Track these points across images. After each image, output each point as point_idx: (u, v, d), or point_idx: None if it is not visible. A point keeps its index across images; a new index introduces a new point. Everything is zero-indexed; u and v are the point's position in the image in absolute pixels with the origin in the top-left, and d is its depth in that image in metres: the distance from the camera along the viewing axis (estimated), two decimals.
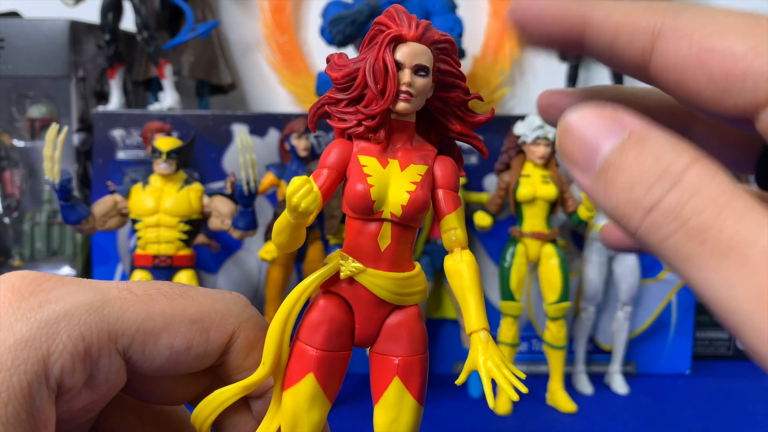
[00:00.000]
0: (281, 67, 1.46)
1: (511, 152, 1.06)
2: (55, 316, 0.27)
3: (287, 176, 1.11)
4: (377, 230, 0.34)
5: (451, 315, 1.13)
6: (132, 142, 1.15)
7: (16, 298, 0.28)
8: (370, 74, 0.33)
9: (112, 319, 0.29)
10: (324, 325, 0.33)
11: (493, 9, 1.45)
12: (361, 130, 0.34)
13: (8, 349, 0.26)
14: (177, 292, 0.32)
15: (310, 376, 0.33)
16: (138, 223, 0.96)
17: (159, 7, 1.30)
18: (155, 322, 0.30)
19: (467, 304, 0.33)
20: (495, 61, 1.44)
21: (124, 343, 0.29)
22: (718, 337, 1.26)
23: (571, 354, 1.14)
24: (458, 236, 0.34)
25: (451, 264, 0.34)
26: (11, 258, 1.27)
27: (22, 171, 1.29)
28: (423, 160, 0.34)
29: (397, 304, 0.34)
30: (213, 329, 0.32)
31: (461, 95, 0.35)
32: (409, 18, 0.34)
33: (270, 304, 1.09)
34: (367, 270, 0.33)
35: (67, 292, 0.29)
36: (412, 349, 0.34)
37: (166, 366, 0.31)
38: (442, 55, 0.34)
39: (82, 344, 0.28)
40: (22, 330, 0.27)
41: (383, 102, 0.33)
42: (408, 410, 0.34)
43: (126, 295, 0.30)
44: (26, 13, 1.28)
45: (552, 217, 1.05)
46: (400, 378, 0.34)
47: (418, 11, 1.21)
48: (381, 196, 0.33)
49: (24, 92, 1.28)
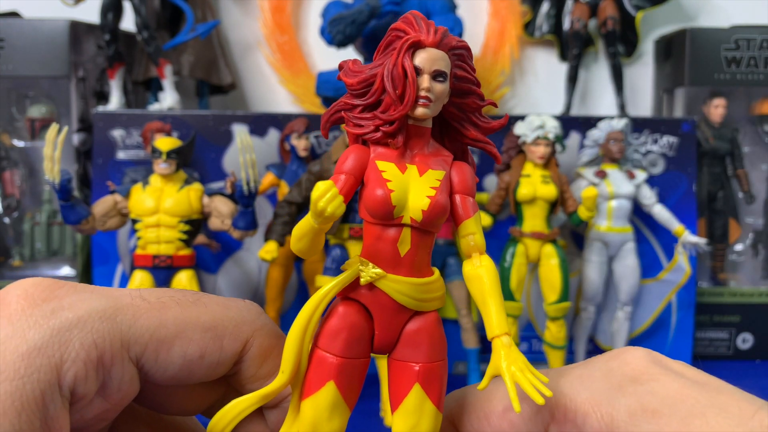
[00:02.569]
0: (281, 67, 1.46)
1: (511, 152, 1.06)
2: (68, 323, 0.27)
3: (287, 176, 1.11)
4: (397, 235, 0.33)
5: (451, 315, 1.13)
6: (132, 142, 1.15)
7: (29, 305, 0.27)
8: (389, 80, 0.33)
9: (125, 327, 0.28)
10: (344, 332, 0.33)
11: (493, 9, 1.45)
12: (379, 135, 0.33)
13: (21, 356, 0.26)
14: (190, 299, 0.31)
15: (330, 384, 0.32)
16: (138, 223, 0.96)
17: (159, 7, 1.30)
18: (168, 330, 0.30)
19: (488, 309, 0.33)
20: (495, 61, 1.44)
21: (137, 351, 0.29)
22: (718, 337, 1.26)
23: (571, 354, 1.14)
24: (477, 241, 0.34)
25: (470, 269, 0.34)
26: (11, 258, 1.27)
27: (22, 171, 1.29)
28: (440, 165, 0.34)
29: (417, 310, 0.34)
30: (226, 337, 0.31)
31: (476, 101, 0.35)
32: (428, 24, 0.34)
33: (270, 304, 1.09)
34: (387, 276, 0.33)
35: (80, 299, 0.28)
36: (433, 356, 0.33)
37: (179, 374, 0.30)
38: (458, 61, 0.34)
39: (95, 352, 0.27)
40: (35, 337, 0.26)
41: (402, 107, 0.33)
42: (428, 417, 0.33)
43: (139, 303, 0.30)
44: (26, 13, 1.29)
45: (552, 217, 1.05)
46: (420, 385, 0.33)
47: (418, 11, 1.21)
48: (401, 201, 0.33)
49: (24, 92, 1.28)
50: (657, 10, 1.42)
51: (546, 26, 1.44)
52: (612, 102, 1.41)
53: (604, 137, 1.11)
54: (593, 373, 0.31)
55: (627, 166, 1.13)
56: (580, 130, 1.17)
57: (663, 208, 1.12)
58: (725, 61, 1.26)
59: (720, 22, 1.39)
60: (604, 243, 1.11)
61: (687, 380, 0.29)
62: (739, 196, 1.32)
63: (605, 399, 0.29)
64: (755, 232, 1.33)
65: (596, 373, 0.31)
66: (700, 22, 1.47)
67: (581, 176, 1.13)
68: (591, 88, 1.50)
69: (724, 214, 1.30)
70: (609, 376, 0.31)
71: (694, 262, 1.16)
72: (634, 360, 0.31)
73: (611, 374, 0.31)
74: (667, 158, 1.19)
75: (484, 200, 1.11)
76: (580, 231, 1.16)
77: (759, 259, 1.33)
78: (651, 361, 0.31)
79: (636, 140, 1.16)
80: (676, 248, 1.11)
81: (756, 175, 1.33)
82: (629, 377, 0.30)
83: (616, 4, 1.36)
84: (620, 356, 0.31)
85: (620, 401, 0.29)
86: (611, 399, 0.29)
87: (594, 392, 0.30)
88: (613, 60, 1.36)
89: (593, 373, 0.31)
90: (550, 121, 1.02)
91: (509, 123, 1.08)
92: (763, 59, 1.25)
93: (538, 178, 1.03)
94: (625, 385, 0.30)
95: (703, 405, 0.27)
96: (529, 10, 1.44)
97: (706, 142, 1.28)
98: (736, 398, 0.28)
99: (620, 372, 0.30)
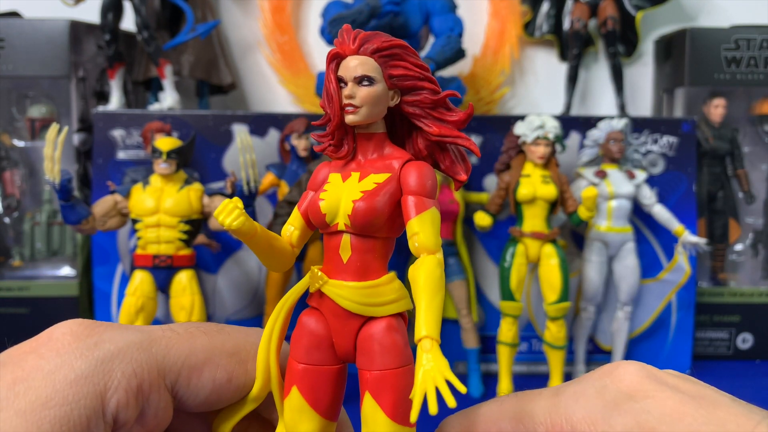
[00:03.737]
0: (281, 67, 1.46)
1: (511, 152, 1.06)
2: (110, 354, 0.30)
3: (287, 176, 1.11)
4: (338, 242, 0.34)
5: (451, 315, 1.13)
6: (132, 142, 1.15)
7: (74, 339, 0.30)
8: (325, 96, 0.35)
9: (160, 357, 0.31)
10: (303, 339, 0.34)
11: (493, 9, 1.45)
12: (327, 148, 0.36)
13: (69, 384, 0.28)
14: (214, 329, 0.34)
15: (294, 390, 0.34)
16: (138, 223, 0.96)
17: (159, 7, 1.30)
18: (198, 357, 0.32)
19: (418, 310, 0.32)
20: (495, 61, 1.44)
21: (171, 379, 0.31)
22: (718, 337, 1.26)
23: (571, 354, 1.14)
24: (420, 241, 0.33)
25: (411, 270, 0.33)
26: (11, 258, 1.27)
27: (22, 171, 1.29)
28: (386, 168, 0.34)
29: (368, 316, 0.34)
30: (250, 361, 0.34)
31: (429, 96, 0.35)
32: (350, 34, 0.34)
33: (270, 304, 1.09)
34: (329, 281, 0.34)
35: (118, 333, 0.31)
36: (384, 363, 0.33)
37: (210, 399, 0.33)
38: (390, 60, 0.34)
39: (135, 380, 0.30)
40: (81, 367, 0.29)
41: (334, 119, 0.35)
42: (382, 427, 0.32)
43: (170, 334, 0.33)
44: (26, 13, 1.29)
45: (552, 217, 1.05)
46: (370, 393, 0.33)
47: (418, 11, 1.21)
48: (332, 209, 0.34)
49: (24, 92, 1.28)
50: (657, 10, 1.42)
51: (546, 26, 1.44)
52: (612, 102, 1.41)
53: (604, 137, 1.11)
54: (587, 390, 0.32)
55: (627, 166, 1.13)
56: (580, 130, 1.17)
57: (663, 208, 1.12)
58: (725, 61, 1.26)
59: (720, 22, 1.39)
60: (604, 243, 1.11)
61: (683, 395, 0.29)
62: (739, 196, 1.32)
63: (601, 418, 0.30)
64: (755, 232, 1.33)
65: (590, 390, 0.31)
66: (700, 22, 1.47)
67: (581, 176, 1.13)
68: (591, 88, 1.50)
69: (724, 214, 1.30)
70: (603, 393, 0.31)
71: (694, 262, 1.16)
72: (628, 376, 0.31)
73: (605, 391, 0.31)
74: (667, 158, 1.19)
75: (484, 200, 1.11)
76: (580, 231, 1.16)
77: (759, 259, 1.33)
78: (645, 376, 0.31)
79: (636, 140, 1.16)
80: (676, 248, 1.11)
81: (756, 175, 1.33)
82: (624, 394, 0.30)
83: (616, 4, 1.36)
84: (614, 372, 0.32)
85: (616, 420, 0.29)
86: (607, 418, 0.30)
87: (590, 411, 0.30)
88: (613, 60, 1.36)
89: (587, 390, 0.32)
90: (550, 121, 1.02)
91: (509, 123, 1.08)
92: (763, 59, 1.25)
93: (538, 178, 1.03)
94: (621, 403, 0.30)
95: (700, 423, 0.28)
96: (529, 10, 1.44)
97: (706, 142, 1.28)
98: (733, 413, 0.28)
99: (615, 389, 0.31)
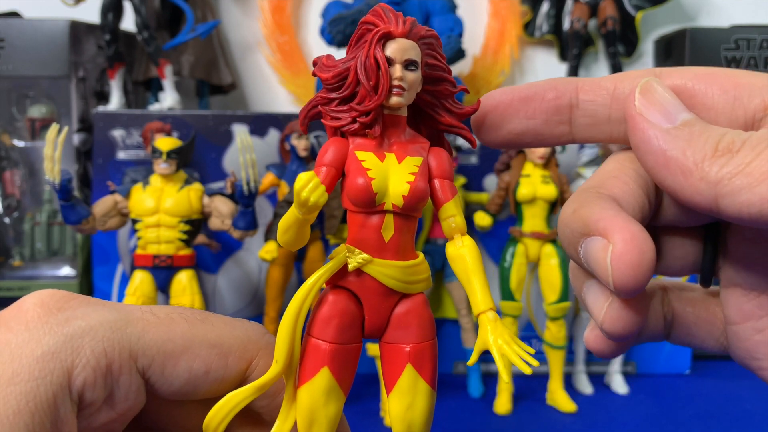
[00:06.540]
0: (281, 67, 1.46)
1: (511, 152, 1.06)
2: (80, 331, 0.29)
3: (287, 176, 1.11)
4: (380, 222, 0.35)
5: (451, 315, 1.13)
6: (132, 142, 1.15)
7: (45, 313, 0.29)
8: (362, 71, 0.34)
9: (134, 339, 0.30)
10: (335, 318, 0.34)
11: (493, 9, 1.45)
12: (357, 126, 0.34)
13: (36, 359, 0.27)
14: (198, 317, 0.33)
15: (324, 370, 0.34)
16: (138, 223, 0.96)
17: (159, 7, 1.30)
18: (175, 345, 0.31)
19: (473, 287, 0.34)
20: (495, 61, 1.44)
21: (144, 363, 0.30)
22: None
23: (571, 354, 1.14)
24: (458, 222, 0.35)
25: (453, 250, 0.35)
26: (11, 258, 1.27)
27: (23, 171, 1.29)
28: (418, 152, 0.36)
29: (404, 293, 0.35)
30: (232, 355, 0.33)
31: (449, 88, 0.36)
32: (396, 15, 0.34)
33: (270, 304, 1.09)
34: (374, 260, 0.34)
35: (92, 310, 0.30)
36: (422, 335, 0.35)
37: (184, 389, 0.31)
38: (428, 49, 0.35)
39: (104, 360, 0.29)
40: (49, 342, 0.28)
41: (377, 98, 0.34)
42: (422, 396, 0.34)
43: (148, 317, 0.31)
44: (26, 13, 1.29)
45: (552, 216, 1.05)
46: (412, 364, 0.34)
47: (418, 11, 1.21)
48: (382, 188, 0.34)
49: (24, 92, 1.28)
50: (657, 10, 1.42)
51: (546, 26, 1.44)
52: None
53: None
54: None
55: None
56: None
57: None
58: (725, 61, 1.26)
59: (720, 22, 1.39)
60: None
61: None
62: None
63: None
64: None
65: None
66: (700, 22, 1.47)
67: (581, 176, 1.13)
68: None
69: None
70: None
71: None
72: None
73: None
74: None
75: (484, 200, 1.11)
76: None
77: None
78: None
79: None
80: None
81: None
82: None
83: (616, 4, 1.36)
84: None
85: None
86: None
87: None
88: (613, 60, 1.36)
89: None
90: None
91: None
92: (763, 59, 1.25)
93: (538, 178, 1.03)
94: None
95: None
96: (529, 10, 1.44)
97: None
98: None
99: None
